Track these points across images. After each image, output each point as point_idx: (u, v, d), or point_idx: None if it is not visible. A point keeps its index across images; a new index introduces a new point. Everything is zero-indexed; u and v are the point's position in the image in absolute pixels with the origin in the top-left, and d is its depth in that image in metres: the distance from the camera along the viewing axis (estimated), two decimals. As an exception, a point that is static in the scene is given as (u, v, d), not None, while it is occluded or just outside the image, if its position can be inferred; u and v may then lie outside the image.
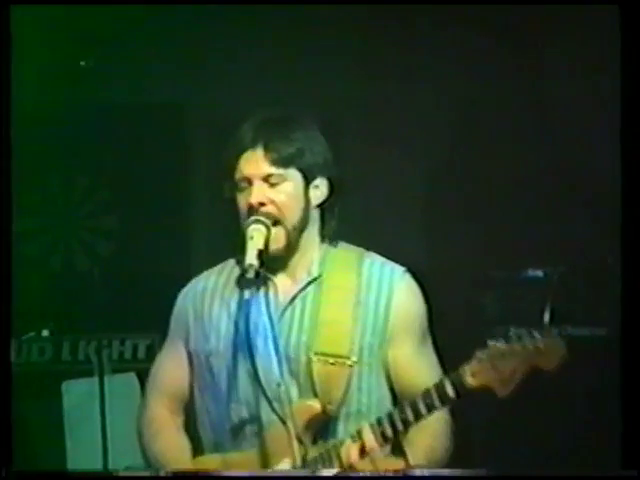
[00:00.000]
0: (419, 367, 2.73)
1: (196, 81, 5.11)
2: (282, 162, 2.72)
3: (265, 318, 2.67)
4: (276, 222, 2.71)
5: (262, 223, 2.70)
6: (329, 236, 2.82)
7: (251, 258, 2.63)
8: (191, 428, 2.87)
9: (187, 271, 4.94)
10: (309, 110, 2.85)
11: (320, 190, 2.79)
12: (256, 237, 2.68)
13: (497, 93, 4.76)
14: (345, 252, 2.82)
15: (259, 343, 2.70)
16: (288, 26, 4.95)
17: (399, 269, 2.80)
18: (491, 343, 2.51)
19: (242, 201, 2.74)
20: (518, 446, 3.81)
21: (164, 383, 2.90)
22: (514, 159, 4.67)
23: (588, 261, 4.12)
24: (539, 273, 4.15)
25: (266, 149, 2.72)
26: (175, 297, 2.96)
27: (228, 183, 2.77)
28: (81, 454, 4.76)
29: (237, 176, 2.74)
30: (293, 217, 2.73)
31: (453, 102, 4.87)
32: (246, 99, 4.89)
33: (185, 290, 2.93)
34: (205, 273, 2.92)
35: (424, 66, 4.85)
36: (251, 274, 2.61)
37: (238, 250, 2.71)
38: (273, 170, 2.72)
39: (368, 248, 2.85)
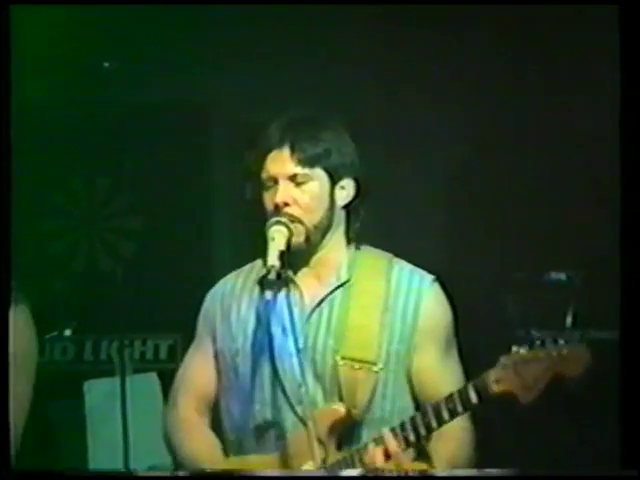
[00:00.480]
0: (442, 375, 2.71)
1: (219, 82, 5.12)
2: (308, 162, 2.72)
3: (289, 320, 2.66)
4: (298, 220, 2.71)
5: (283, 224, 2.70)
6: (354, 238, 2.82)
7: (272, 259, 2.63)
8: (216, 428, 2.88)
9: (209, 272, 5.01)
10: (334, 113, 2.85)
11: (346, 191, 2.78)
12: (277, 238, 2.68)
13: (510, 95, 4.75)
14: (373, 257, 2.81)
15: (282, 345, 2.69)
16: (312, 29, 4.95)
17: (428, 277, 2.79)
18: (515, 349, 2.50)
19: (267, 200, 2.74)
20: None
21: (192, 384, 2.90)
22: (537, 162, 4.64)
23: (611, 264, 4.09)
24: (562, 276, 4.14)
25: (292, 149, 2.72)
26: (198, 298, 2.96)
27: (254, 182, 2.78)
28: (102, 453, 4.77)
29: (263, 175, 2.75)
30: (315, 217, 2.73)
31: (474, 107, 4.86)
32: (268, 101, 4.89)
33: (213, 291, 2.93)
34: (233, 274, 2.92)
35: (446, 70, 4.85)
36: (272, 275, 2.60)
37: (260, 251, 2.71)
38: (299, 170, 2.72)
39: (391, 251, 2.85)
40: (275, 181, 2.73)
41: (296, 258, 2.76)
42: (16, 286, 2.67)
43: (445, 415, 2.56)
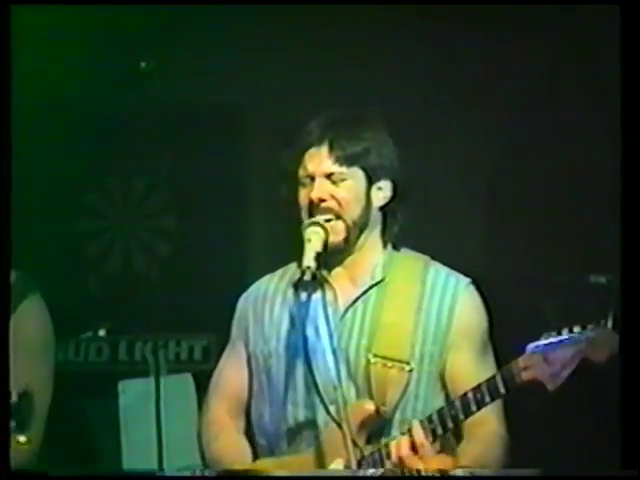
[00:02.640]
0: (477, 378, 2.69)
1: (254, 83, 5.10)
2: (346, 160, 2.72)
3: (324, 320, 2.66)
4: (336, 217, 2.71)
5: (320, 225, 2.70)
6: (391, 241, 2.81)
7: (308, 260, 2.64)
8: (249, 431, 2.87)
9: (244, 273, 5.01)
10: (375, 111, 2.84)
11: (383, 192, 2.78)
12: (314, 240, 2.68)
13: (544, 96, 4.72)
14: (409, 259, 2.81)
15: (317, 345, 2.69)
16: (348, 28, 4.93)
17: (464, 280, 2.79)
18: (543, 337, 2.53)
19: (303, 197, 2.75)
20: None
21: (225, 387, 2.91)
22: (577, 163, 4.60)
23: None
24: (601, 279, 4.09)
25: (331, 147, 2.73)
26: (232, 299, 2.97)
27: (289, 182, 2.78)
28: (136, 454, 4.78)
29: (301, 172, 2.76)
30: (353, 213, 2.73)
31: (507, 108, 4.83)
32: (304, 102, 4.88)
33: (246, 294, 2.94)
34: (267, 277, 2.92)
35: (482, 71, 4.81)
36: (308, 276, 2.61)
37: (296, 252, 2.70)
38: (335, 168, 2.72)
39: (427, 253, 2.83)
40: (312, 178, 2.74)
41: (332, 258, 2.75)
42: (26, 276, 2.67)
43: (472, 406, 2.57)
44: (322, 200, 2.71)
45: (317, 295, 2.68)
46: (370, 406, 2.68)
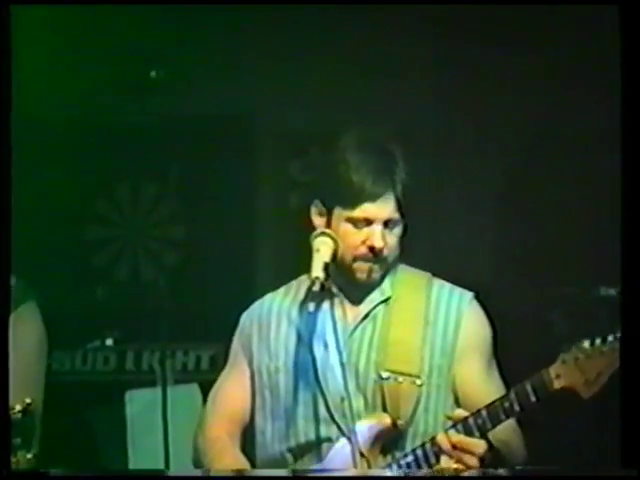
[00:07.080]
0: (488, 386, 2.70)
1: (266, 92, 5.10)
2: (401, 205, 2.70)
3: (333, 335, 2.65)
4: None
5: (328, 236, 2.69)
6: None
7: (317, 271, 2.62)
8: (247, 448, 2.86)
9: (253, 282, 5.00)
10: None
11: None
12: (322, 250, 2.67)
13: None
14: (413, 276, 2.81)
15: (326, 359, 2.69)
16: (359, 40, 4.94)
17: (467, 294, 2.80)
18: (576, 344, 2.49)
19: (355, 239, 2.68)
20: None
21: (225, 406, 2.90)
22: (584, 173, 4.60)
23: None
24: (611, 291, 4.09)
25: (394, 188, 2.68)
26: (240, 308, 2.95)
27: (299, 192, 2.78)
28: (143, 464, 4.76)
29: (357, 212, 2.68)
30: (394, 256, 2.75)
31: (511, 124, 4.83)
32: (314, 111, 4.88)
33: (249, 311, 2.92)
34: (270, 294, 2.91)
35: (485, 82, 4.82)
36: (317, 287, 2.59)
37: (304, 263, 2.69)
38: (395, 215, 2.70)
39: (437, 266, 2.83)
40: (369, 223, 2.69)
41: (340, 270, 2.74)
42: (23, 285, 2.66)
43: (501, 415, 2.54)
44: (381, 250, 2.69)
45: (326, 309, 2.67)
46: (387, 419, 2.67)
